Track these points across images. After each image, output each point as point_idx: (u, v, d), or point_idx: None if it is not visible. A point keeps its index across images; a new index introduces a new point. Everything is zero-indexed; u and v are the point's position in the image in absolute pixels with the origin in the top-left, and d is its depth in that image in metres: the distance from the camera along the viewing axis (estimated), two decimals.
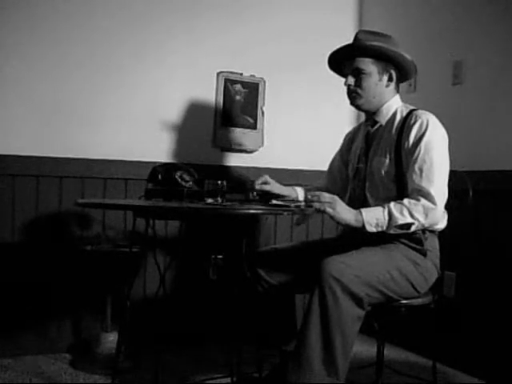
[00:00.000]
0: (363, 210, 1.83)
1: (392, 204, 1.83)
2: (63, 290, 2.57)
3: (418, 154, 1.87)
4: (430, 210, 1.82)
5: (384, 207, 1.83)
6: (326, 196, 1.81)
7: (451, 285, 2.57)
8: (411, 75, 2.09)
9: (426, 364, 2.44)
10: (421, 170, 1.85)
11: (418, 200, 1.82)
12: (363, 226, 1.82)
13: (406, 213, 1.81)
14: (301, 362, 1.68)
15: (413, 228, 1.83)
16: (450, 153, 1.94)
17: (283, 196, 2.12)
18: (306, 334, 1.69)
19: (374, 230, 1.82)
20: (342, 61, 2.04)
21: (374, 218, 1.81)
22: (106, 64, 2.64)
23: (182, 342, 2.71)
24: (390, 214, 1.81)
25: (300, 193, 2.24)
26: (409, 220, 1.81)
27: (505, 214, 2.39)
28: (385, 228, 1.82)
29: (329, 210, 1.80)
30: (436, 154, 1.87)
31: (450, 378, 2.44)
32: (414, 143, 1.89)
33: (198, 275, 2.79)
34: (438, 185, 1.84)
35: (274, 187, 2.11)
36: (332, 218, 1.82)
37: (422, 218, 1.82)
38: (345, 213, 1.82)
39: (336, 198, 1.82)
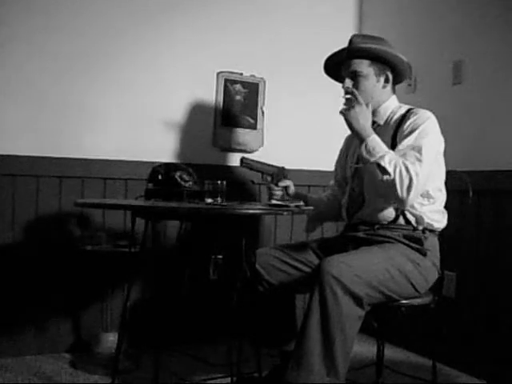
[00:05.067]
0: (373, 136, 1.87)
1: (394, 153, 1.83)
2: (63, 290, 2.57)
3: (409, 141, 1.85)
4: (413, 179, 1.77)
5: (389, 152, 1.83)
6: (357, 98, 1.90)
7: (451, 285, 2.57)
8: (406, 76, 2.10)
9: (426, 364, 2.43)
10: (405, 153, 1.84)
11: (408, 167, 1.78)
12: (360, 143, 1.87)
13: (392, 164, 1.79)
14: (301, 361, 1.68)
15: (384, 178, 1.80)
16: (451, 153, 1.94)
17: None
18: (305, 333, 1.69)
19: (363, 152, 1.85)
20: (338, 65, 2.05)
21: (372, 146, 1.84)
22: (105, 64, 2.64)
23: (182, 341, 2.71)
24: (383, 157, 1.80)
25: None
26: (390, 170, 1.79)
27: (505, 214, 2.39)
28: (370, 158, 1.83)
29: (342, 107, 1.92)
30: (427, 142, 1.84)
31: (450, 378, 2.44)
32: (407, 134, 1.89)
33: (198, 275, 2.79)
34: (424, 167, 1.81)
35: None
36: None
37: (398, 180, 1.77)
38: (354, 122, 1.89)
39: (363, 106, 1.89)
